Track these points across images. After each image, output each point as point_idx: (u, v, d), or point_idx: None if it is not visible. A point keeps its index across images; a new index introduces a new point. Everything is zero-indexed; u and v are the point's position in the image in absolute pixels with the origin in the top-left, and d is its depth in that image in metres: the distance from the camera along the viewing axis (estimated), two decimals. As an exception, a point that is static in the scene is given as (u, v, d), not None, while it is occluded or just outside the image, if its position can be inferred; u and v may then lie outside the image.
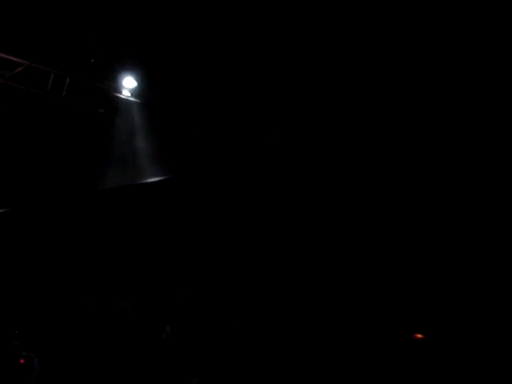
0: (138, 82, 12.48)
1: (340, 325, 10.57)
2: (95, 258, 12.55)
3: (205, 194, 12.54)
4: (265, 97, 11.81)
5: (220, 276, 12.06)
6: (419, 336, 9.99)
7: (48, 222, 12.87)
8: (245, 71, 11.58)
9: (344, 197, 11.18)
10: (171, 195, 12.79)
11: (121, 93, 12.61)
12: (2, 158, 12.47)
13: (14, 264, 12.26)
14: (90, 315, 12.02)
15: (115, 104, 12.75)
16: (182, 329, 11.33)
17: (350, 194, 11.09)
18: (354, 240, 10.97)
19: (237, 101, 12.10)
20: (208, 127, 12.42)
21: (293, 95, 11.67)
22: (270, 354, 10.85)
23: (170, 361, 11.04)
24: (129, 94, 12.63)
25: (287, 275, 11.54)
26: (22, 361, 10.11)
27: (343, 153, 11.24)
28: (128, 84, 12.49)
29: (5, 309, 11.72)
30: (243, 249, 11.98)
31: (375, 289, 10.48)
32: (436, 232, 10.10)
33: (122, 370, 11.30)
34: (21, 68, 11.77)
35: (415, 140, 10.30)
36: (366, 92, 10.66)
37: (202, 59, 11.87)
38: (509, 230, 9.45)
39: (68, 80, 12.16)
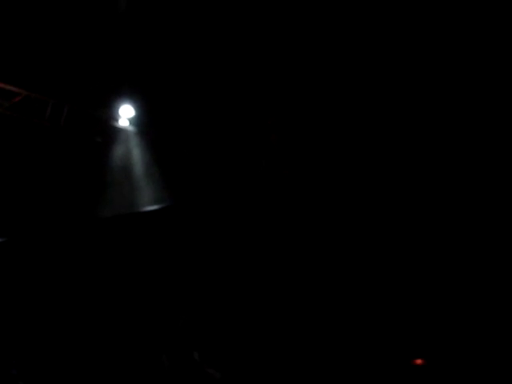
0: (135, 110, 12.56)
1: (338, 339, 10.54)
2: (93, 286, 12.50)
3: (203, 223, 12.56)
4: (260, 122, 11.88)
5: (219, 301, 12.05)
6: (419, 361, 9.94)
7: (45, 251, 12.83)
8: (243, 96, 11.66)
9: (340, 216, 11.20)
10: (170, 223, 12.76)
11: (118, 121, 12.69)
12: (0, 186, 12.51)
13: (11, 294, 12.22)
14: (86, 346, 11.94)
15: (113, 133, 12.82)
16: (182, 356, 11.27)
17: (347, 212, 11.11)
18: (350, 255, 10.98)
19: (233, 129, 12.18)
20: (205, 154, 12.50)
21: (285, 117, 11.74)
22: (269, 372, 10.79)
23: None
24: (126, 123, 12.70)
25: (283, 303, 11.51)
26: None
27: (338, 168, 11.28)
28: (126, 113, 12.56)
29: (3, 338, 11.66)
30: (242, 272, 11.99)
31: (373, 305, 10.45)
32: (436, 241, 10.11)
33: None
34: (19, 98, 11.87)
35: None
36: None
37: (198, 89, 11.97)
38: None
39: (66, 109, 12.26)
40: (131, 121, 12.68)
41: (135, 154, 12.84)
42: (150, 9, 11.43)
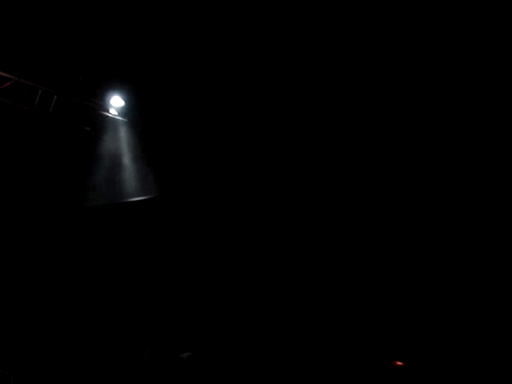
0: (125, 101, 12.50)
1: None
2: (78, 274, 12.46)
3: (190, 215, 12.49)
4: (253, 117, 11.84)
5: (206, 293, 12.03)
6: (399, 363, 9.96)
7: (29, 238, 12.77)
8: (233, 92, 11.62)
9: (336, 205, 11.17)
10: (156, 214, 12.72)
11: (108, 111, 12.63)
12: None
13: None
14: (68, 333, 11.89)
15: (102, 122, 12.76)
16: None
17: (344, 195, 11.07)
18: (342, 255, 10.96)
19: (223, 121, 12.13)
20: (196, 146, 12.45)
21: (280, 120, 11.71)
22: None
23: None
24: (116, 113, 12.64)
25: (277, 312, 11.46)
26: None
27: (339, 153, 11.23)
28: (115, 103, 12.49)
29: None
30: (229, 264, 11.96)
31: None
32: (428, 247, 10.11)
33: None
34: (8, 83, 11.77)
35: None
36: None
37: (189, 78, 11.90)
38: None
39: (55, 97, 12.17)
40: (120, 111, 12.63)
41: (124, 144, 12.80)
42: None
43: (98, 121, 12.72)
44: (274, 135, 12.02)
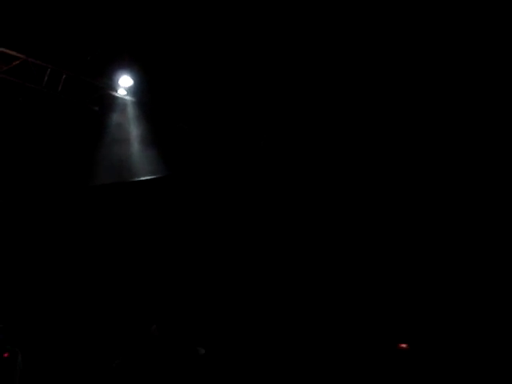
0: (134, 80, 12.48)
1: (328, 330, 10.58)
2: (83, 256, 12.50)
3: (198, 194, 12.47)
4: (260, 97, 11.80)
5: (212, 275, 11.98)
6: (404, 346, 10.01)
7: (38, 217, 12.83)
8: (241, 72, 11.57)
9: (336, 197, 11.18)
10: (166, 194, 12.70)
11: (116, 91, 12.62)
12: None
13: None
14: (75, 311, 11.97)
15: (110, 102, 12.76)
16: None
17: (344, 194, 11.09)
18: (346, 242, 10.97)
19: (232, 100, 12.08)
20: (203, 126, 12.43)
21: (286, 98, 11.67)
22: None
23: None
24: (124, 93, 12.63)
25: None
26: (6, 355, 10.05)
27: (336, 154, 11.25)
28: (124, 82, 12.48)
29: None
30: (237, 246, 11.90)
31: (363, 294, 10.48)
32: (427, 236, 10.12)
33: (107, 365, 11.25)
34: (17, 62, 11.76)
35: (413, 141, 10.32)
36: (359, 91, 10.67)
37: (198, 59, 11.85)
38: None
39: (64, 76, 12.15)
40: (129, 91, 12.63)
41: (132, 123, 12.80)
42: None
43: (107, 100, 12.74)
44: (279, 118, 12.01)
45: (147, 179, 12.79)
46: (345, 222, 11.03)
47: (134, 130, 12.82)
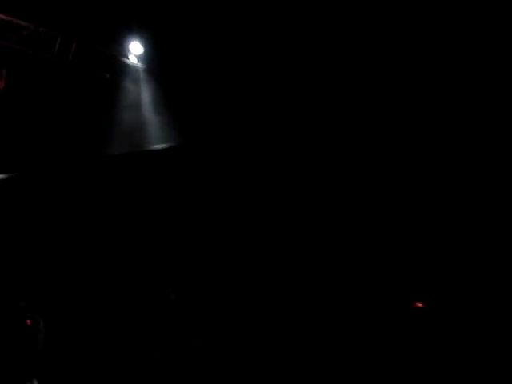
0: (144, 47, 12.45)
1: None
2: (97, 225, 12.55)
3: (212, 163, 12.24)
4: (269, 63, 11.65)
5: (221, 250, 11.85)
6: (419, 305, 10.01)
7: (51, 187, 12.89)
8: (252, 34, 11.40)
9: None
10: (178, 163, 12.53)
11: (127, 58, 12.60)
12: (7, 121, 12.53)
13: (19, 228, 12.39)
14: (95, 280, 12.09)
15: (122, 69, 12.75)
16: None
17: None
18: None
19: (245, 66, 11.90)
20: (216, 93, 12.18)
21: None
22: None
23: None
24: (135, 60, 12.61)
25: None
26: (29, 322, 10.23)
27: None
28: (135, 49, 12.47)
29: (11, 271, 11.88)
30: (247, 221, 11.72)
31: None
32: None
33: (127, 333, 11.39)
34: (27, 32, 11.75)
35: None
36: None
37: (209, 23, 11.74)
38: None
39: (74, 44, 12.16)
40: (140, 57, 12.60)
41: (143, 90, 12.80)
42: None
43: (118, 67, 12.73)
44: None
45: (160, 148, 12.70)
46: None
47: (145, 97, 12.82)
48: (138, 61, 12.64)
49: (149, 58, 12.58)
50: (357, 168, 10.65)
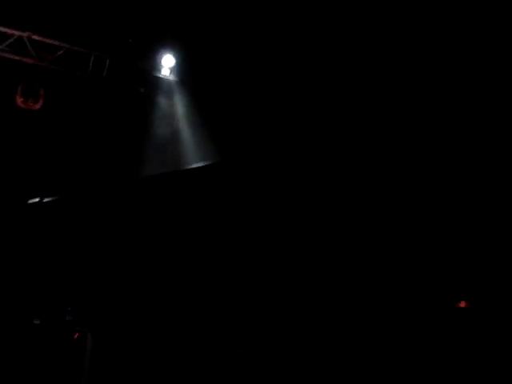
0: (177, 59, 12.54)
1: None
2: (138, 245, 12.52)
3: (252, 182, 11.68)
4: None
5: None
6: (463, 304, 9.94)
7: (90, 209, 13.00)
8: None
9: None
10: (216, 183, 12.08)
11: (160, 71, 12.73)
12: (45, 139, 12.77)
13: (65, 246, 12.60)
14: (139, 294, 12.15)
15: (155, 83, 12.89)
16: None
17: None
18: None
19: (282, 76, 11.74)
20: (254, 105, 11.89)
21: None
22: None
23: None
24: (168, 72, 12.72)
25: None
26: (76, 335, 10.43)
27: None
28: (167, 62, 12.59)
29: (58, 285, 12.11)
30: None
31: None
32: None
33: (173, 341, 11.47)
34: (61, 51, 11.99)
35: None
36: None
37: (242, 33, 11.71)
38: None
39: (108, 61, 12.37)
40: (172, 70, 12.71)
41: (177, 103, 12.89)
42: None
43: (151, 82, 12.87)
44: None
45: (197, 167, 12.56)
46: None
47: (179, 111, 12.88)
48: (171, 73, 12.74)
49: (182, 70, 12.66)
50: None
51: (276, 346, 10.64)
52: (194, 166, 12.60)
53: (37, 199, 13.18)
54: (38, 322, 10.44)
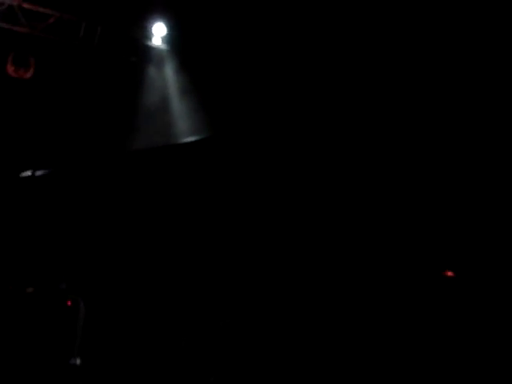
0: (168, 28, 12.48)
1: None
2: (128, 219, 12.52)
3: (245, 157, 11.52)
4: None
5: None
6: (450, 274, 10.00)
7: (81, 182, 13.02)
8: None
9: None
10: (207, 158, 12.01)
11: (151, 40, 12.67)
12: (36, 108, 12.76)
13: (57, 217, 12.67)
14: (133, 262, 12.22)
15: (147, 52, 12.85)
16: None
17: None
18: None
19: (274, 46, 11.40)
20: (245, 75, 11.68)
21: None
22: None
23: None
24: (160, 41, 12.66)
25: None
26: (69, 303, 10.56)
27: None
28: (158, 31, 12.53)
29: (51, 254, 12.22)
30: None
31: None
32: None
33: (165, 313, 11.54)
34: (52, 19, 11.93)
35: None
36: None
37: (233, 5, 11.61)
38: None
39: (99, 30, 12.31)
40: (164, 39, 12.65)
41: (169, 73, 12.85)
42: None
43: (143, 51, 12.82)
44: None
45: (189, 141, 12.54)
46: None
47: (171, 80, 12.84)
48: (163, 42, 12.68)
49: (173, 39, 12.59)
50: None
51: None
52: (185, 140, 12.56)
53: (29, 172, 13.21)
54: (31, 290, 10.56)
